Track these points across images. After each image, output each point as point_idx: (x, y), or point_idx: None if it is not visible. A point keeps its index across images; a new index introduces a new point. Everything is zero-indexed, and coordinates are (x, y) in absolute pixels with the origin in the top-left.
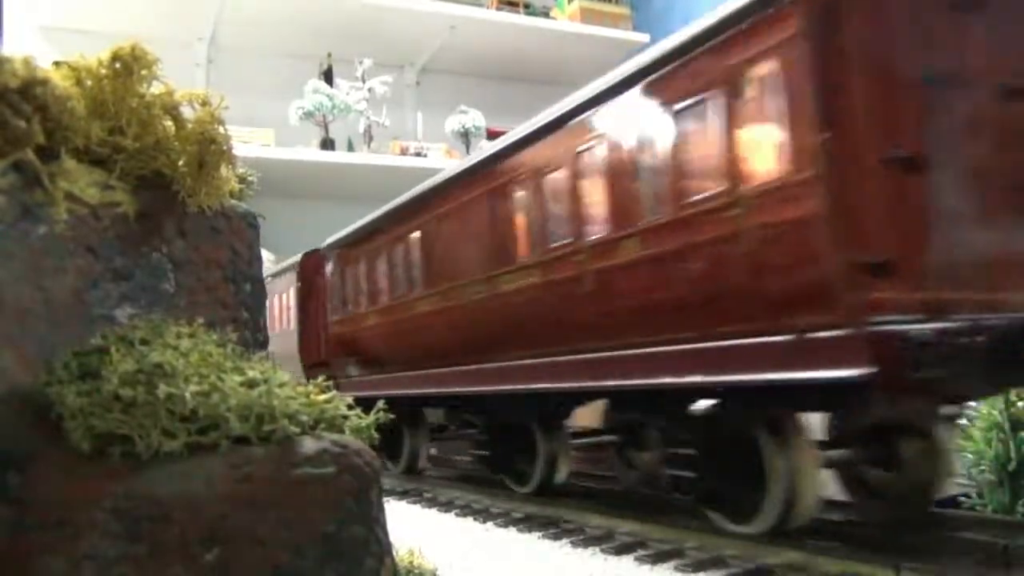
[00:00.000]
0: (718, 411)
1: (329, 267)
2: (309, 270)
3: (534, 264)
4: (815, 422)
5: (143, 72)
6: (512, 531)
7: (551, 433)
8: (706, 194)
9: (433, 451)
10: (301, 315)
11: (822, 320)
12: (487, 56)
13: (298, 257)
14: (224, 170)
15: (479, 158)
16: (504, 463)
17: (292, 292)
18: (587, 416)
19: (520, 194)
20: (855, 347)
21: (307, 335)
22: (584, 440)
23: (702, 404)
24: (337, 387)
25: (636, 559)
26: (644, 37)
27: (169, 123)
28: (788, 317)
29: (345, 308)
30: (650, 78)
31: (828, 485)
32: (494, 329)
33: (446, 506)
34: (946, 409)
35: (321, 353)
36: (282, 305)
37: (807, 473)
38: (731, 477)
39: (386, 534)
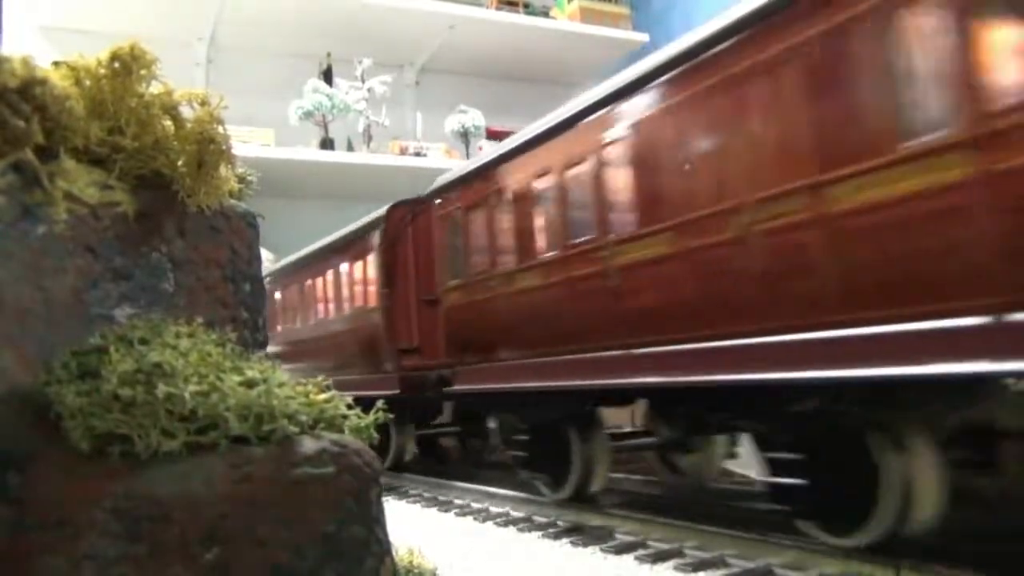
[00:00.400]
0: None
1: (440, 216)
2: (397, 228)
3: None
4: None
5: (142, 72)
6: (512, 531)
7: (903, 446)
8: None
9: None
10: (387, 287)
11: None
12: (487, 56)
13: (382, 211)
14: (223, 170)
15: None
16: (827, 501)
17: (372, 258)
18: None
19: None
20: None
21: (397, 312)
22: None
23: None
24: (443, 379)
25: (636, 559)
26: (644, 37)
27: (168, 123)
28: None
29: (469, 270)
30: None
31: None
32: (815, 275)
33: (446, 506)
34: None
35: (413, 334)
36: (352, 278)
37: None
38: None
39: (386, 534)
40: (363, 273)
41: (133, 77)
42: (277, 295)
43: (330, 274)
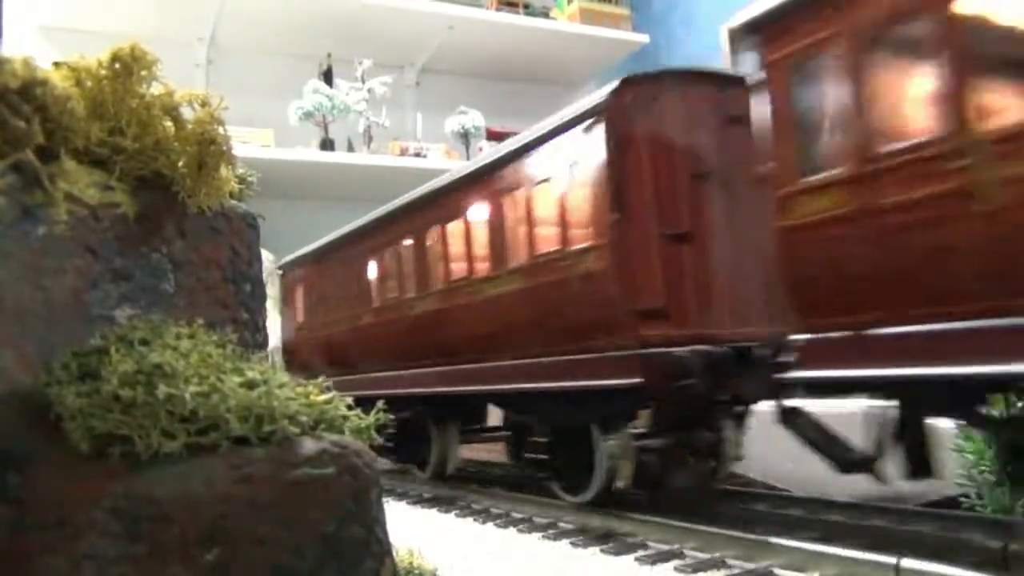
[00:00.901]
0: None
1: (777, 67)
2: (628, 119)
3: None
4: None
5: (143, 73)
6: (512, 531)
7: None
8: None
9: None
10: (618, 211)
11: None
12: (487, 56)
13: (603, 93)
14: (224, 171)
15: None
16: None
17: (579, 172)
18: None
19: None
20: None
21: (633, 253)
22: None
23: None
24: (714, 360)
25: (636, 559)
26: (644, 38)
27: (169, 124)
28: None
29: (870, 149)
30: None
31: None
32: None
33: (446, 506)
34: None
35: (658, 289)
36: (530, 212)
37: None
38: None
39: (386, 534)
40: (558, 200)
41: (134, 78)
42: (371, 264)
43: (479, 212)
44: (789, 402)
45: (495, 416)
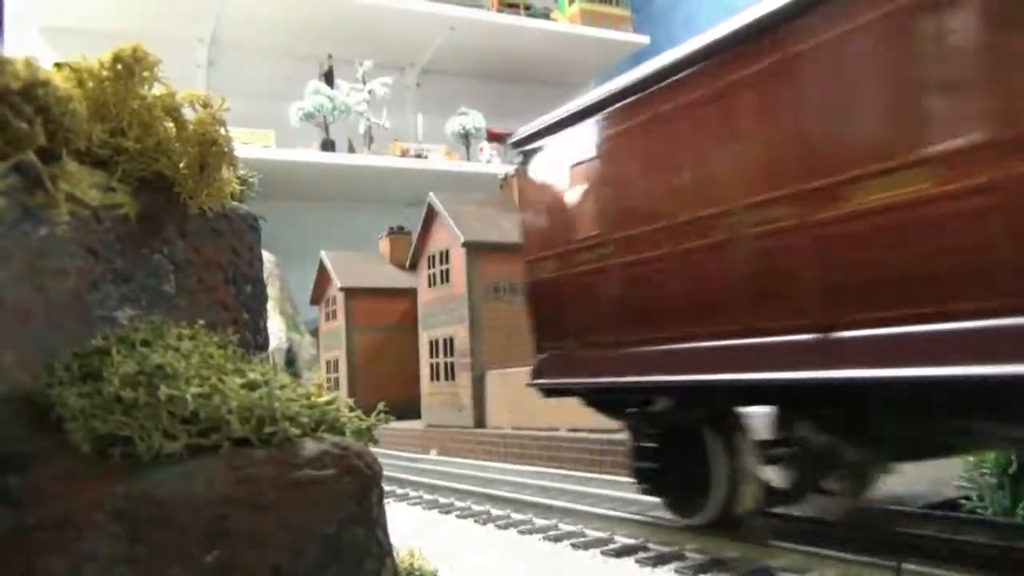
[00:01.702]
0: None
1: None
2: None
3: None
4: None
5: (144, 74)
6: (512, 532)
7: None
8: None
9: None
10: None
11: None
12: (487, 57)
13: None
14: (225, 172)
15: None
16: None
17: None
18: None
19: None
20: None
21: None
22: None
23: None
24: None
25: (636, 561)
26: (644, 39)
27: (170, 125)
28: None
29: None
30: None
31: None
32: None
33: (446, 508)
34: None
35: None
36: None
37: None
38: None
39: (386, 535)
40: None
41: (135, 79)
42: (823, 88)
43: None
44: None
45: None
